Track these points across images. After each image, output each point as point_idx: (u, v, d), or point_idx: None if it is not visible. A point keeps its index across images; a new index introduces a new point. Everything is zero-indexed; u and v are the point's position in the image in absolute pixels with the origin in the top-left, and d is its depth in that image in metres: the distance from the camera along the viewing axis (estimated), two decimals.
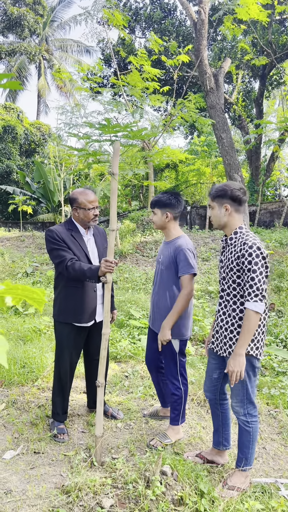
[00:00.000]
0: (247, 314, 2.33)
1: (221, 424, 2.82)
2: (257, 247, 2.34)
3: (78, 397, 3.83)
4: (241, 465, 2.59)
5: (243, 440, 2.59)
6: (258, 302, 2.31)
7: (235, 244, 2.47)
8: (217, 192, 2.50)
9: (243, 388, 2.52)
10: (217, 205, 2.52)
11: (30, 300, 0.94)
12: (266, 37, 14.87)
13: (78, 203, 3.05)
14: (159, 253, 3.16)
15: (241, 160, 24.39)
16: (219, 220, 2.53)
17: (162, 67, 14.81)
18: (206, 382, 2.81)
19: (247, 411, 2.55)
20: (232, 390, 2.58)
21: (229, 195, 2.47)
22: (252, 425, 2.56)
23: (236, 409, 2.57)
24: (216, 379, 2.73)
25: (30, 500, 2.43)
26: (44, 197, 15.72)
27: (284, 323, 5.53)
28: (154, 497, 2.30)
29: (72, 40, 31.51)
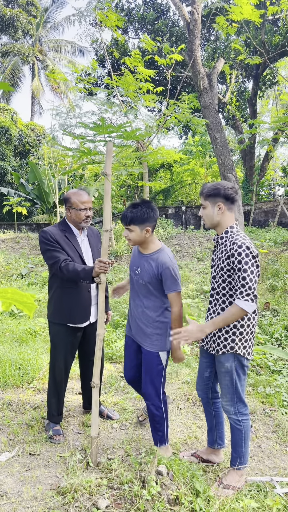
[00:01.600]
0: (234, 308, 2.34)
1: (215, 423, 2.83)
2: (246, 247, 2.35)
3: (74, 398, 3.83)
4: (236, 464, 2.60)
5: (235, 439, 2.60)
6: (249, 301, 2.32)
7: (225, 244, 2.48)
8: (210, 191, 2.50)
9: (233, 387, 2.53)
10: (210, 204, 2.51)
11: (20, 304, 0.93)
12: (259, 37, 14.92)
13: (71, 203, 3.05)
14: (135, 264, 2.82)
15: (235, 160, 24.45)
16: (212, 219, 2.53)
17: (155, 67, 14.82)
18: (198, 380, 2.82)
19: (238, 410, 2.56)
20: (222, 389, 2.59)
21: (222, 194, 2.48)
22: (244, 424, 2.57)
23: (226, 408, 2.58)
24: (207, 378, 2.74)
25: (25, 502, 2.42)
26: (38, 198, 15.68)
27: (279, 322, 5.55)
28: (150, 497, 2.31)
29: (66, 41, 31.47)
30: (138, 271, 2.78)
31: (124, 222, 2.69)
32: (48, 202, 15.30)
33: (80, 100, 10.38)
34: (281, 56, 16.56)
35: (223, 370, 2.54)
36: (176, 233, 12.19)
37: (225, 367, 2.52)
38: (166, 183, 22.51)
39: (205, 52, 17.34)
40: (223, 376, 2.55)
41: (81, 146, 3.32)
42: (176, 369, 4.45)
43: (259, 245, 9.84)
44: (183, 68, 15.05)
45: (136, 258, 2.83)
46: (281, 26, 15.84)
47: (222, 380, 2.57)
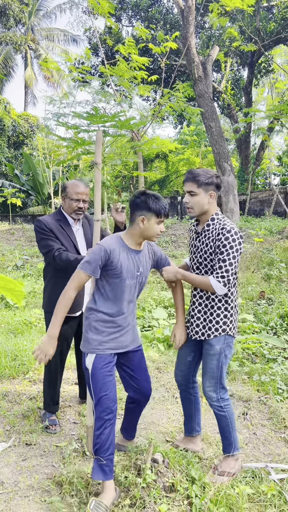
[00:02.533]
0: (205, 280, 2.44)
1: (194, 409, 2.83)
2: (234, 232, 2.40)
3: (70, 388, 3.84)
4: (230, 451, 2.62)
5: (222, 426, 2.61)
6: (220, 283, 2.38)
7: (212, 230, 2.49)
8: (205, 178, 2.46)
9: (218, 370, 2.55)
10: (203, 191, 2.48)
11: (7, 292, 0.91)
12: (254, 24, 14.78)
13: (66, 192, 3.08)
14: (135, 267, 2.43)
15: (230, 149, 24.37)
16: (202, 207, 2.50)
17: (149, 56, 14.67)
18: (179, 366, 2.79)
19: (220, 396, 2.57)
20: (206, 373, 2.58)
21: (215, 182, 2.49)
22: (227, 409, 2.58)
23: (209, 394, 2.58)
24: (190, 362, 2.75)
25: (22, 491, 2.43)
26: (33, 190, 15.61)
27: (274, 311, 5.57)
28: (146, 485, 2.32)
29: (59, 29, 31.07)
30: (140, 271, 2.46)
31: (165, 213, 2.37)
32: (42, 193, 15.23)
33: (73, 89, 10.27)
34: (276, 44, 16.44)
35: (211, 352, 2.54)
36: (172, 223, 12.18)
37: (215, 349, 2.53)
38: (161, 173, 22.44)
39: (200, 40, 17.17)
40: (210, 360, 2.55)
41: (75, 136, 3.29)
42: (171, 358, 4.47)
43: (254, 234, 9.84)
44: (178, 56, 14.91)
45: (132, 261, 2.41)
46: (276, 13, 15.69)
47: (208, 364, 2.57)
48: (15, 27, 28.67)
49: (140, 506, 2.24)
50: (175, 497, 2.32)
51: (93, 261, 2.30)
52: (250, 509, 2.30)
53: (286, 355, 4.43)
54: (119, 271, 2.35)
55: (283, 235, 10.02)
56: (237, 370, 4.11)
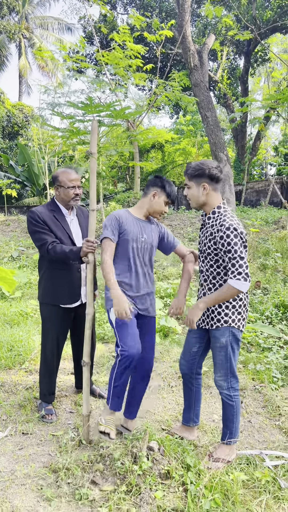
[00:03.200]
0: (226, 287, 2.39)
1: (194, 400, 2.85)
2: (234, 228, 2.37)
3: (66, 378, 3.85)
4: (226, 439, 2.64)
5: (227, 414, 2.64)
6: (241, 280, 2.34)
7: (212, 224, 2.50)
8: (195, 171, 2.49)
9: (227, 362, 2.56)
10: (194, 184, 2.51)
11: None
12: (250, 12, 14.64)
13: (59, 181, 3.03)
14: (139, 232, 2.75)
15: (227, 139, 24.28)
16: (198, 200, 2.53)
17: (145, 45, 14.52)
18: (184, 355, 2.81)
19: (231, 385, 2.60)
20: (215, 364, 2.62)
21: (207, 174, 2.47)
22: (235, 399, 2.61)
23: (219, 383, 2.61)
24: (195, 353, 2.76)
25: (18, 480, 2.45)
26: (29, 181, 15.52)
27: (270, 300, 5.59)
28: (141, 472, 2.34)
29: (53, 18, 30.66)
30: (145, 237, 2.77)
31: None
32: (38, 184, 15.15)
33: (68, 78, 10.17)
34: (272, 32, 16.32)
35: (218, 345, 2.56)
36: (168, 214, 12.15)
37: (221, 342, 2.54)
38: (157, 163, 22.35)
39: (196, 28, 17.00)
40: (218, 352, 2.57)
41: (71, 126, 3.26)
42: (167, 348, 4.49)
43: (250, 224, 9.85)
44: (173, 45, 14.77)
45: (137, 227, 2.74)
46: (272, 1, 15.54)
47: (217, 356, 2.59)
48: (9, 16, 28.29)
49: (136, 492, 2.26)
50: (170, 483, 2.35)
51: (109, 226, 2.66)
52: (245, 495, 2.32)
53: (281, 344, 4.46)
54: (126, 233, 2.69)
55: (279, 225, 10.03)
56: None
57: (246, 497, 2.31)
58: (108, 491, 2.31)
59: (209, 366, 3.86)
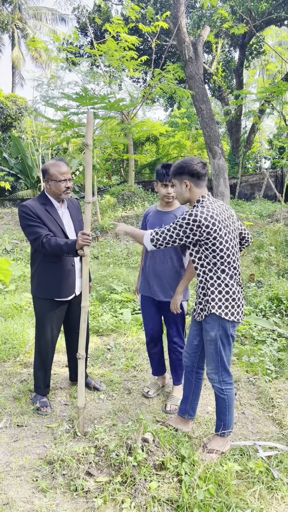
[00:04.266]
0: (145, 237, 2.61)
1: (192, 393, 2.87)
2: (194, 214, 2.39)
3: (61, 370, 3.86)
4: (219, 431, 2.66)
5: (219, 407, 2.66)
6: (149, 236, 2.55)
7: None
8: (176, 169, 2.54)
9: (217, 355, 2.57)
10: (178, 182, 2.57)
11: None
12: (245, 4, 14.54)
13: (50, 174, 2.97)
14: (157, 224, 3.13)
15: (221, 132, 24.22)
16: (182, 196, 2.59)
17: (139, 36, 14.40)
18: (186, 348, 2.85)
19: (222, 379, 2.61)
20: (207, 357, 2.64)
21: (186, 171, 2.49)
22: (227, 393, 2.62)
23: (211, 376, 2.64)
24: (196, 346, 2.77)
25: (13, 472, 2.46)
26: (22, 173, 15.41)
27: (264, 293, 5.62)
28: (136, 463, 2.36)
29: (46, 8, 30.25)
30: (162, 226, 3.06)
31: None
32: (32, 177, 15.06)
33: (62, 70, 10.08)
34: (267, 25, 16.22)
35: (208, 338, 2.58)
36: None
37: (210, 335, 2.55)
38: (152, 156, 22.25)
39: (191, 20, 16.87)
40: (208, 344, 2.59)
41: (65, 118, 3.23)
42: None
43: (244, 218, 9.87)
44: (168, 37, 14.66)
45: (156, 218, 3.17)
46: None
47: (208, 349, 2.61)
48: (2, 6, 27.83)
49: (131, 483, 2.28)
50: (165, 474, 2.37)
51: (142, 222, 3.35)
52: (238, 486, 2.35)
53: (274, 336, 4.49)
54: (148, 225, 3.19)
55: (273, 218, 10.06)
56: None
57: (240, 488, 2.34)
58: (103, 482, 2.32)
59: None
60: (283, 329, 4.68)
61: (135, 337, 4.60)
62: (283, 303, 5.22)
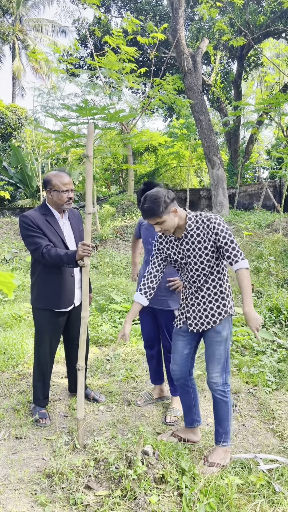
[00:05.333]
0: (242, 274, 2.45)
1: (193, 401, 2.86)
2: (215, 217, 2.50)
3: (60, 381, 3.83)
4: (221, 440, 2.65)
5: (222, 412, 2.65)
6: (244, 259, 2.48)
7: (197, 226, 2.51)
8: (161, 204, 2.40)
9: (225, 354, 2.62)
10: (167, 216, 2.45)
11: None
12: (243, 17, 14.73)
13: (52, 185, 2.98)
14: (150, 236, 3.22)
15: (220, 142, 24.38)
16: (174, 225, 2.50)
17: (139, 48, 14.56)
18: (176, 360, 2.77)
19: (225, 380, 2.64)
20: (214, 361, 2.60)
21: (170, 199, 2.46)
22: (229, 395, 2.66)
23: (216, 379, 2.61)
24: (187, 354, 2.75)
25: (12, 485, 2.43)
26: (22, 182, 15.45)
27: (263, 304, 5.61)
28: (136, 476, 2.33)
29: (47, 20, 30.60)
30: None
31: None
32: (31, 186, 15.09)
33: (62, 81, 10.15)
34: (265, 37, 16.42)
35: (219, 339, 2.58)
36: None
37: (222, 336, 2.58)
38: (151, 166, 22.35)
39: (189, 32, 17.07)
40: (218, 346, 2.58)
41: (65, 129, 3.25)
42: None
43: (243, 228, 9.89)
44: (167, 48, 14.82)
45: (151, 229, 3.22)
46: (265, 6, 15.66)
47: (216, 351, 2.59)
48: (3, 17, 28.15)
49: (131, 497, 2.26)
50: (165, 488, 2.34)
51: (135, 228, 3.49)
52: (240, 499, 2.33)
53: (274, 347, 4.47)
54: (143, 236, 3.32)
55: (272, 228, 10.09)
56: None
57: (241, 501, 2.31)
58: (103, 495, 2.30)
59: (202, 370, 3.86)
60: (283, 339, 4.67)
61: (134, 348, 4.58)
62: (283, 314, 5.21)
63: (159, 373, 3.51)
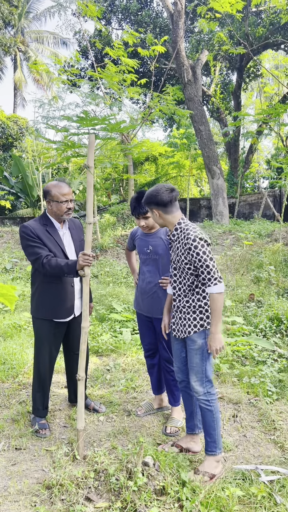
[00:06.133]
0: (213, 298, 2.50)
1: (195, 405, 2.89)
2: (199, 238, 2.51)
3: (60, 392, 3.82)
4: (212, 450, 2.64)
5: (207, 421, 2.65)
6: (218, 284, 2.49)
7: (179, 239, 2.62)
8: (144, 200, 2.68)
9: (203, 364, 2.62)
10: (149, 212, 2.75)
11: (0, 297, 0.91)
12: (243, 29, 14.91)
13: (52, 195, 3.00)
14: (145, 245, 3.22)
15: (220, 152, 24.51)
16: (157, 222, 2.72)
17: (139, 59, 14.70)
18: (176, 363, 2.88)
19: (207, 390, 2.64)
20: (192, 368, 2.66)
21: (153, 201, 2.61)
22: (213, 404, 2.65)
23: (196, 388, 2.65)
24: (184, 358, 2.80)
25: (12, 496, 2.41)
26: (22, 192, 15.52)
27: (264, 313, 5.60)
28: (136, 488, 2.32)
29: (48, 32, 30.97)
30: (150, 249, 3.18)
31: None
32: (32, 196, 15.16)
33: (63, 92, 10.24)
34: (264, 48, 16.60)
35: (195, 347, 2.62)
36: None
37: (198, 343, 2.61)
38: (151, 176, 22.45)
39: (189, 44, 17.26)
40: (194, 354, 2.64)
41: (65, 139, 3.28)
42: None
43: (243, 237, 9.91)
44: (167, 59, 14.98)
45: (143, 240, 3.26)
46: (264, 18, 15.85)
47: (193, 359, 2.65)
48: (5, 29, 28.45)
49: (131, 509, 2.24)
50: (166, 500, 2.33)
51: (128, 240, 3.49)
52: (241, 511, 2.30)
53: (275, 357, 4.46)
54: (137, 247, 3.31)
55: (272, 238, 10.10)
56: (227, 373, 4.13)
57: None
58: (103, 507, 2.28)
59: None
60: (284, 349, 4.66)
61: (134, 358, 4.56)
62: (283, 323, 5.20)
63: (160, 383, 3.50)
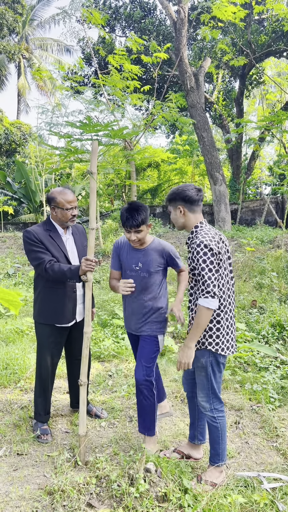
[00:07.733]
0: (199, 310, 2.39)
1: (197, 418, 2.85)
2: (204, 245, 2.38)
3: (62, 397, 3.81)
4: (215, 461, 2.63)
5: (213, 436, 2.63)
6: (208, 298, 2.35)
7: (191, 243, 2.54)
8: (170, 196, 2.59)
9: (208, 383, 2.56)
10: (172, 208, 2.61)
11: (5, 302, 0.92)
12: (245, 37, 15.01)
13: (56, 202, 3.01)
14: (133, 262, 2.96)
15: (222, 158, 24.57)
16: (177, 222, 2.61)
17: (142, 66, 14.80)
18: (184, 375, 2.86)
19: (213, 406, 2.59)
20: (198, 384, 2.62)
21: (180, 197, 2.53)
22: (219, 421, 2.60)
23: (202, 404, 2.62)
24: (192, 372, 2.77)
25: (13, 502, 2.41)
26: (25, 197, 15.58)
27: (266, 320, 5.60)
28: (138, 494, 2.31)
29: (52, 39, 31.22)
30: (140, 266, 2.94)
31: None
32: (34, 201, 15.21)
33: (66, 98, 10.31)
34: (267, 56, 16.69)
35: (199, 365, 2.57)
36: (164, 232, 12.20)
37: (201, 362, 2.55)
38: (153, 182, 22.51)
39: (192, 52, 17.38)
40: (199, 371, 2.59)
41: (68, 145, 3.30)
42: (164, 367, 4.47)
43: (245, 244, 9.91)
44: (170, 67, 15.07)
45: (133, 255, 2.96)
46: (267, 26, 15.95)
47: (198, 375, 2.61)
48: (9, 36, 28.70)
49: None
50: (167, 506, 2.32)
51: (112, 256, 3.09)
52: None
53: (277, 364, 4.45)
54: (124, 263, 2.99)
55: (274, 244, 10.10)
56: (229, 379, 4.12)
57: None
58: None
59: None
60: (286, 356, 4.64)
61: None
62: (286, 330, 5.19)
63: (159, 392, 3.46)
